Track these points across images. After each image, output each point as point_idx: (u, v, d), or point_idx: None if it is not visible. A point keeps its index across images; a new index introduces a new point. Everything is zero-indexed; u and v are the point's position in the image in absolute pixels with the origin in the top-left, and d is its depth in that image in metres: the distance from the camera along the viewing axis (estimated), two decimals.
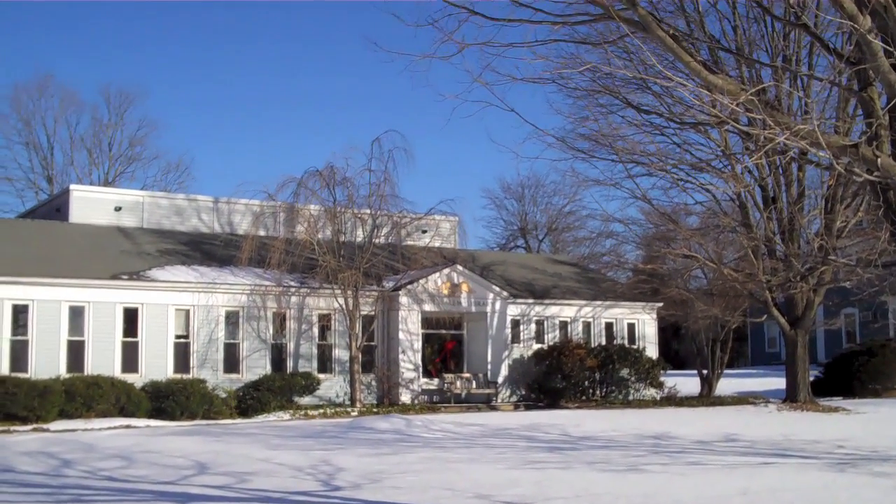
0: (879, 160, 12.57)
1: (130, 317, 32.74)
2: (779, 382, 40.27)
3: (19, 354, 30.73)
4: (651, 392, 39.87)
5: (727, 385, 44.41)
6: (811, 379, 38.80)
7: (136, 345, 32.64)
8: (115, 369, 31.65)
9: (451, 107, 16.18)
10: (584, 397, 38.15)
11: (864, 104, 14.26)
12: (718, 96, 11.13)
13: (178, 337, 33.58)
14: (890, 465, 19.63)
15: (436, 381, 37.47)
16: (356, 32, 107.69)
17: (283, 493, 15.80)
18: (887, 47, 12.08)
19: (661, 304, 42.52)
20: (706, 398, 40.03)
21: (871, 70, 12.85)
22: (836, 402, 37.84)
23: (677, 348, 61.25)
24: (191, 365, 33.38)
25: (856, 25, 12.32)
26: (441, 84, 16.22)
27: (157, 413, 30.40)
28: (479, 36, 14.83)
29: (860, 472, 18.77)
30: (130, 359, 32.41)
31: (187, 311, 33.67)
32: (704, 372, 42.34)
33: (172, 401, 30.54)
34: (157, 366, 32.56)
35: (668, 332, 57.06)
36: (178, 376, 32.31)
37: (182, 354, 33.48)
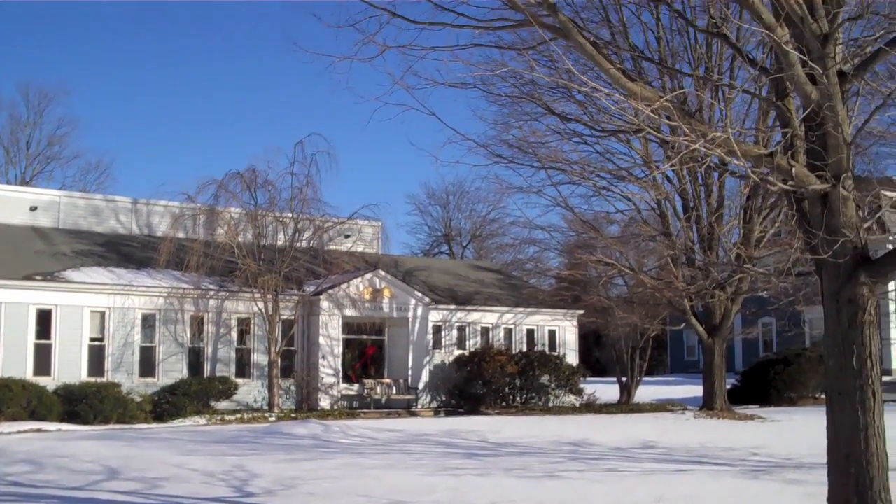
0: (794, 170, 12.70)
1: (44, 318, 32.02)
2: (697, 390, 40.68)
3: None
4: (571, 399, 40.01)
5: (646, 392, 44.76)
6: (728, 387, 39.21)
7: (49, 347, 31.92)
8: (27, 371, 30.97)
9: (372, 110, 16.09)
10: (504, 403, 38.16)
11: (780, 114, 14.40)
12: (634, 102, 11.14)
13: (92, 339, 32.92)
14: (802, 472, 19.84)
15: (356, 386, 37.22)
16: (281, 35, 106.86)
17: (195, 499, 15.51)
18: (803, 57, 12.19)
19: (581, 312, 42.75)
20: (625, 405, 40.28)
21: (787, 80, 12.98)
22: (752, 410, 38.32)
23: (598, 356, 61.61)
24: (105, 368, 32.75)
25: (773, 35, 12.42)
26: (362, 87, 16.07)
27: (70, 417, 29.78)
28: (400, 39, 14.73)
29: (773, 479, 18.97)
30: (43, 361, 31.69)
31: (103, 314, 33.03)
32: (624, 379, 42.65)
33: (86, 404, 29.96)
34: (70, 369, 31.88)
35: (590, 340, 57.40)
36: (93, 380, 31.69)
37: (97, 357, 32.83)
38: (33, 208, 38.19)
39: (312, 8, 17.57)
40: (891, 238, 44.60)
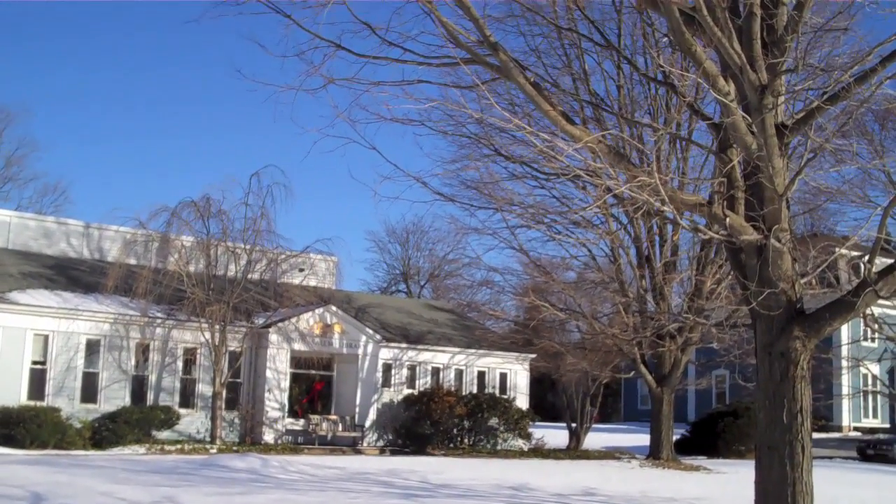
0: (728, 220, 12.67)
1: None
2: (648, 439, 40.55)
3: None
4: (519, 443, 39.78)
5: (597, 439, 44.62)
6: (678, 437, 39.18)
7: None
8: None
9: (315, 142, 15.95)
10: (451, 445, 37.87)
11: (721, 164, 14.41)
12: (561, 143, 11.09)
13: (34, 363, 32.30)
14: None
15: (301, 421, 36.77)
16: (232, 64, 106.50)
17: None
18: (729, 104, 12.21)
19: (534, 356, 42.57)
20: (573, 451, 40.14)
21: (728, 130, 13.00)
22: (699, 460, 38.26)
23: (553, 400, 61.44)
24: (46, 392, 32.13)
25: (713, 84, 12.44)
26: (307, 118, 15.99)
27: (6, 440, 29.14)
28: (346, 72, 14.64)
29: None
30: None
31: (46, 337, 32.48)
32: (573, 425, 42.50)
33: (23, 428, 29.34)
34: (10, 391, 31.18)
35: (546, 384, 57.19)
36: (32, 403, 31.05)
37: (38, 381, 32.21)
38: None
39: (257, 36, 17.47)
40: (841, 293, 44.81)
